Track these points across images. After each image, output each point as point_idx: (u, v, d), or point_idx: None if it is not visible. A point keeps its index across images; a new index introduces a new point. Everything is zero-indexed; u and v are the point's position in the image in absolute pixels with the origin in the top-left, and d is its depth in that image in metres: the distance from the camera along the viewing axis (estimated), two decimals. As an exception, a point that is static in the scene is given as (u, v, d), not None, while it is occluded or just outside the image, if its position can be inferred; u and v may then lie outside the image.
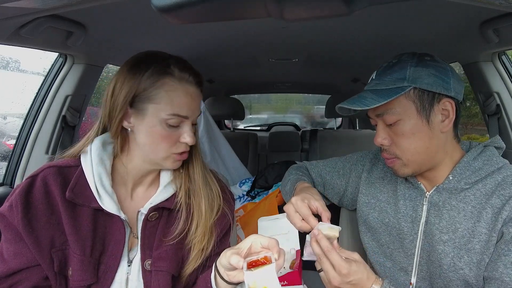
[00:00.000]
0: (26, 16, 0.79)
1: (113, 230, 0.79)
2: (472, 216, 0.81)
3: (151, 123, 0.77)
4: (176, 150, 0.81)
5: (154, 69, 0.77)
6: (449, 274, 0.82)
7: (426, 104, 0.81)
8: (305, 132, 3.19)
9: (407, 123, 0.82)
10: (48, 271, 0.74)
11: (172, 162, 0.82)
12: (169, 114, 0.77)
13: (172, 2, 0.44)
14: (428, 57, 0.84)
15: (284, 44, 1.46)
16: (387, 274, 0.95)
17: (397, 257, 0.93)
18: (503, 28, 0.95)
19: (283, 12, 0.46)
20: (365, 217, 1.01)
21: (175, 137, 0.79)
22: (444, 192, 0.86)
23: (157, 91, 0.76)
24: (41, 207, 0.75)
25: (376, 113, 0.86)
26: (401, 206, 0.92)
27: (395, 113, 0.82)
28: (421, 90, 0.81)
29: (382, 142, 0.87)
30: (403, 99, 0.82)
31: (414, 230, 0.89)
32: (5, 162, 1.43)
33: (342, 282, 0.75)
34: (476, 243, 0.79)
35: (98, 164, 0.80)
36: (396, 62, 0.85)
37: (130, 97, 0.76)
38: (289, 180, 1.09)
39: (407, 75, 0.81)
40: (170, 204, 0.85)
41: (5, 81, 2.29)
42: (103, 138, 0.83)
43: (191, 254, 0.84)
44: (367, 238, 1.01)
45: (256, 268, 0.66)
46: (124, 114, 0.78)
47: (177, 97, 0.77)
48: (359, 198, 1.04)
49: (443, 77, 0.81)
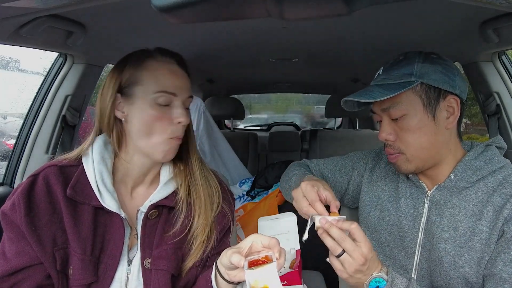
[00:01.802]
0: (26, 16, 0.79)
1: (113, 229, 0.80)
2: (473, 215, 0.81)
3: (142, 106, 0.79)
4: (172, 133, 0.80)
5: (135, 56, 0.81)
6: (449, 272, 0.82)
7: (432, 100, 0.82)
8: (305, 132, 3.19)
9: (413, 117, 0.83)
10: (51, 270, 0.74)
11: (164, 150, 0.81)
12: (156, 92, 0.78)
13: (172, 2, 0.44)
14: (434, 55, 0.85)
15: (284, 44, 1.46)
16: None
17: (397, 255, 0.93)
18: (503, 28, 0.95)
19: (283, 12, 0.46)
20: (366, 215, 1.01)
21: (167, 117, 0.79)
22: (445, 190, 0.86)
23: (141, 73, 0.79)
24: (43, 205, 0.75)
25: (382, 107, 0.86)
26: (402, 204, 0.92)
27: (402, 107, 0.83)
28: (427, 86, 0.82)
29: (387, 137, 0.87)
30: (410, 93, 0.82)
31: (415, 228, 0.89)
32: (5, 162, 1.43)
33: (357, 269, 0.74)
34: (476, 241, 0.80)
35: (99, 162, 0.80)
36: (403, 59, 0.86)
37: (117, 86, 0.80)
38: (294, 174, 1.08)
39: (415, 70, 0.82)
40: (170, 202, 0.85)
41: (5, 81, 2.29)
42: (104, 137, 0.84)
43: (192, 246, 0.83)
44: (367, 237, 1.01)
45: (257, 267, 0.66)
46: (115, 103, 0.80)
47: (161, 75, 0.79)
48: (361, 196, 1.04)
49: (449, 74, 0.83)
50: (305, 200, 0.83)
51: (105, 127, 0.82)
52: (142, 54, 0.82)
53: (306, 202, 0.83)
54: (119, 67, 0.82)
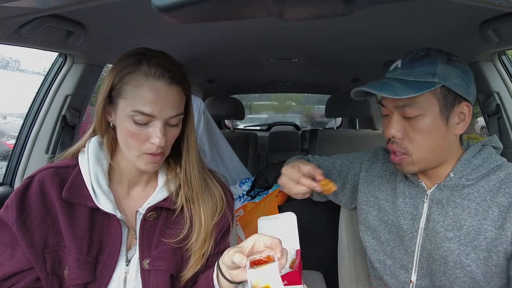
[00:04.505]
0: (26, 16, 0.79)
1: (110, 229, 0.80)
2: (476, 213, 0.81)
3: (121, 118, 0.76)
4: (146, 150, 0.77)
5: (125, 64, 0.75)
6: (455, 271, 0.82)
7: (449, 104, 0.81)
8: (305, 132, 3.19)
9: (427, 119, 0.81)
10: (40, 272, 0.75)
11: (144, 164, 0.78)
12: (132, 110, 0.74)
13: (172, 2, 0.44)
14: (454, 57, 0.84)
15: (284, 44, 1.46)
16: (387, 272, 0.96)
17: (397, 254, 0.93)
18: (503, 28, 0.96)
19: (283, 11, 0.46)
20: (364, 215, 1.01)
21: (143, 136, 0.75)
22: (445, 189, 0.86)
23: (126, 86, 0.75)
24: (36, 207, 0.76)
25: (397, 104, 0.83)
26: (400, 203, 0.92)
27: (419, 107, 0.81)
28: (447, 89, 0.81)
29: (395, 134, 0.84)
30: (429, 95, 0.81)
31: (414, 227, 0.89)
32: (5, 162, 1.43)
33: None
34: (482, 240, 0.80)
35: (94, 164, 0.80)
36: (424, 55, 0.83)
37: (107, 92, 0.76)
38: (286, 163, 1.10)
39: (438, 71, 0.80)
40: (168, 204, 0.84)
41: (5, 81, 2.28)
42: (100, 137, 0.84)
43: (191, 260, 0.83)
44: (367, 237, 1.01)
45: (258, 267, 0.66)
46: (105, 108, 0.79)
47: (142, 93, 0.73)
48: (359, 196, 1.04)
49: (466, 80, 0.82)
50: (291, 182, 0.89)
51: (98, 129, 0.82)
52: (132, 61, 0.76)
53: (293, 183, 0.89)
54: (112, 71, 0.78)
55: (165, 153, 0.81)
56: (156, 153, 0.77)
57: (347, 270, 1.18)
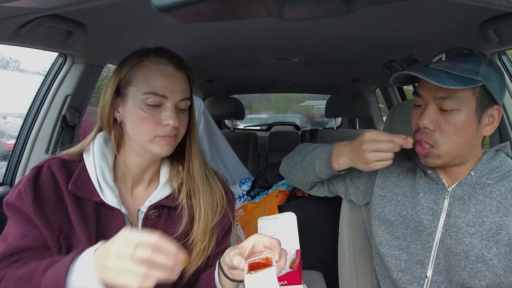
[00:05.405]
0: (26, 16, 0.79)
1: (114, 225, 0.80)
2: (498, 211, 0.85)
3: (132, 106, 0.79)
4: (160, 132, 0.79)
5: (134, 56, 0.81)
6: (477, 265, 0.84)
7: (484, 105, 0.84)
8: (305, 132, 3.19)
9: (463, 115, 0.83)
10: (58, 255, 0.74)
11: (159, 146, 0.81)
12: (145, 93, 0.78)
13: (172, 2, 0.44)
14: (495, 62, 0.87)
15: (284, 44, 1.46)
16: (401, 267, 0.95)
17: (413, 249, 0.94)
18: (503, 28, 0.96)
19: (283, 11, 0.47)
20: (380, 209, 1.01)
21: (156, 118, 0.79)
22: (466, 186, 0.89)
23: (136, 74, 0.79)
24: (50, 194, 0.76)
25: (437, 95, 0.85)
26: (420, 199, 0.94)
27: (457, 102, 0.83)
28: (485, 90, 0.83)
29: (428, 125, 0.86)
30: (469, 92, 0.83)
31: (434, 222, 0.91)
32: (5, 162, 1.43)
33: None
34: (504, 235, 0.83)
35: (100, 159, 0.81)
36: (469, 54, 0.85)
37: (115, 86, 0.80)
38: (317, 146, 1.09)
39: (481, 70, 0.82)
40: (170, 203, 0.85)
41: (5, 81, 2.28)
42: (104, 134, 0.84)
43: (192, 254, 0.84)
44: (381, 231, 1.00)
45: (256, 271, 0.66)
46: (113, 103, 0.80)
47: (153, 77, 0.79)
48: (375, 191, 1.04)
49: (502, 85, 0.86)
50: (381, 143, 0.85)
51: (105, 126, 0.83)
52: (140, 54, 0.82)
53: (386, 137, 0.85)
54: (119, 67, 0.82)
55: (178, 137, 0.83)
56: (171, 135, 0.80)
57: (347, 270, 1.18)
